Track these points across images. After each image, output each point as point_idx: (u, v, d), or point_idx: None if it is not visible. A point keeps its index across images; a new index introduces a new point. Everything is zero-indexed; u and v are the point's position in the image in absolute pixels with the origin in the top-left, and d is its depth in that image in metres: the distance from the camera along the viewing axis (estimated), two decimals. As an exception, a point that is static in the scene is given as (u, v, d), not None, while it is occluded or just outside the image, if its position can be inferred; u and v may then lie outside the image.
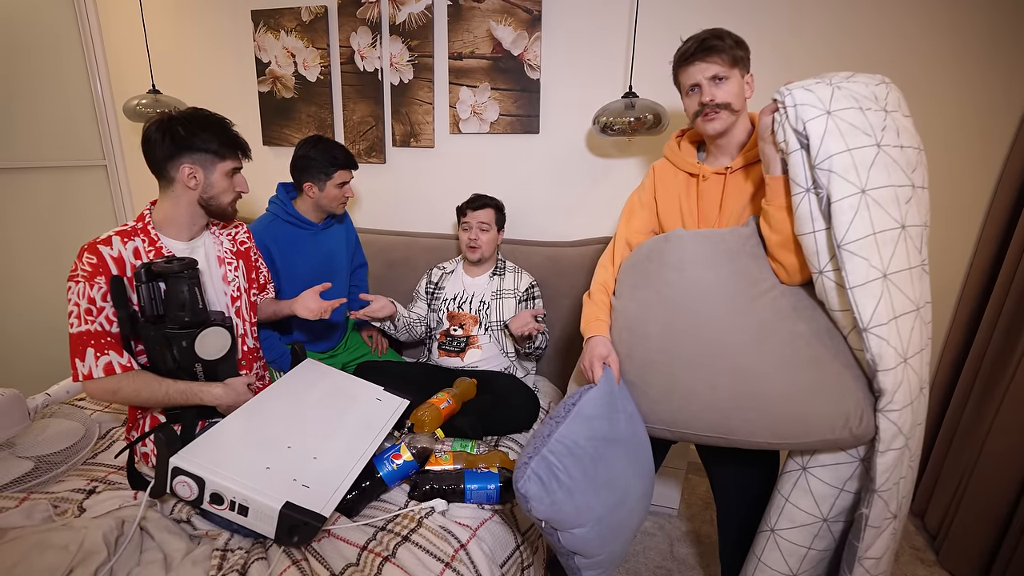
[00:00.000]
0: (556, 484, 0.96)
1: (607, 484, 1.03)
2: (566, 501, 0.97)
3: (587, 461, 1.01)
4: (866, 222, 0.89)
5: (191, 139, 1.22)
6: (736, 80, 1.11)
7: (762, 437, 1.04)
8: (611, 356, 1.16)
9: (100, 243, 1.19)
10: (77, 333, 1.14)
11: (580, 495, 0.98)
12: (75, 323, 1.14)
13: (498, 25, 1.96)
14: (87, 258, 1.16)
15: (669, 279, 1.08)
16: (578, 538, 1.00)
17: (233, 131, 1.31)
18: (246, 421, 1.19)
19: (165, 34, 2.39)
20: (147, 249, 1.24)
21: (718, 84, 1.11)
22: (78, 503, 1.16)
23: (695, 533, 1.85)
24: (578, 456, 1.00)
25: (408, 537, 1.10)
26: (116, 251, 1.19)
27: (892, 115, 0.93)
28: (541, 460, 0.97)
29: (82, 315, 1.14)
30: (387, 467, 1.24)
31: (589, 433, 1.03)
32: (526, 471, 0.96)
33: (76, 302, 1.14)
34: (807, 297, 1.04)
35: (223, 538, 1.08)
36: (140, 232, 1.25)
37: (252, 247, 1.52)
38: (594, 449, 1.02)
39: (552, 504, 0.96)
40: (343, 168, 1.74)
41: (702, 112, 1.13)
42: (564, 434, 1.01)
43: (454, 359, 1.85)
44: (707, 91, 1.11)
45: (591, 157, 2.03)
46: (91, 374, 1.13)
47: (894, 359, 0.91)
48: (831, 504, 1.04)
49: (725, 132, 1.15)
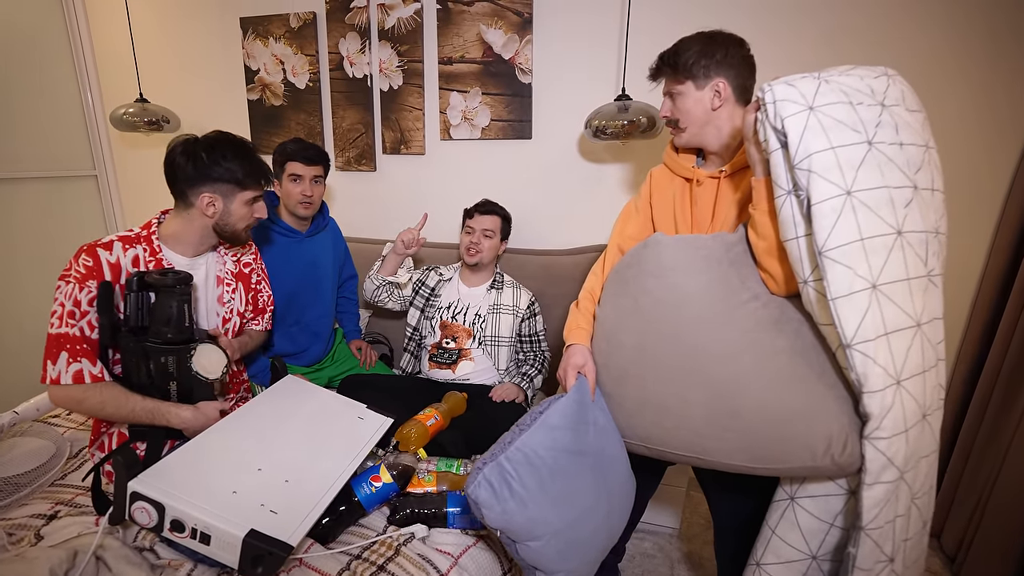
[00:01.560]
0: (508, 492, 0.92)
1: (565, 497, 0.98)
2: (518, 511, 0.92)
3: (545, 472, 0.96)
4: (851, 226, 0.80)
5: (213, 167, 1.20)
6: (690, 95, 1.09)
7: (739, 460, 0.97)
8: (587, 365, 1.12)
9: (100, 246, 1.16)
10: (55, 334, 1.10)
11: (534, 506, 0.93)
12: (55, 323, 1.10)
13: (488, 28, 1.91)
14: (83, 260, 1.13)
15: (647, 286, 1.02)
16: (535, 551, 0.95)
17: (257, 160, 1.28)
18: (216, 441, 1.12)
19: (153, 42, 2.36)
20: (147, 259, 1.21)
21: (672, 100, 1.13)
22: (36, 530, 1.09)
23: (696, 555, 1.76)
24: (536, 466, 0.95)
25: (384, 567, 1.03)
26: (115, 257, 1.17)
27: (891, 110, 0.85)
28: (495, 466, 0.93)
29: (64, 316, 1.10)
30: (365, 490, 1.17)
31: (551, 443, 0.98)
32: (478, 476, 0.93)
33: (62, 302, 1.11)
34: (794, 310, 0.95)
35: (185, 568, 1.01)
36: (144, 240, 1.22)
37: (256, 269, 1.48)
38: (553, 460, 0.97)
39: (503, 512, 0.92)
40: (291, 159, 1.65)
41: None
42: (525, 442, 0.97)
43: (445, 371, 1.78)
44: (663, 106, 1.16)
45: (584, 163, 1.97)
46: (59, 379, 1.10)
47: (882, 380, 0.82)
48: (820, 540, 0.95)
49: (696, 143, 1.14)
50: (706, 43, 1.06)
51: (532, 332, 1.82)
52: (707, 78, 1.06)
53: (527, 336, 1.81)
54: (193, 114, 2.34)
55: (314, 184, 1.69)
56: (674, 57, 1.08)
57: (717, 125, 1.09)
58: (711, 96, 1.07)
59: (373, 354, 1.98)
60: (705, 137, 1.11)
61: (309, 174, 1.68)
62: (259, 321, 1.53)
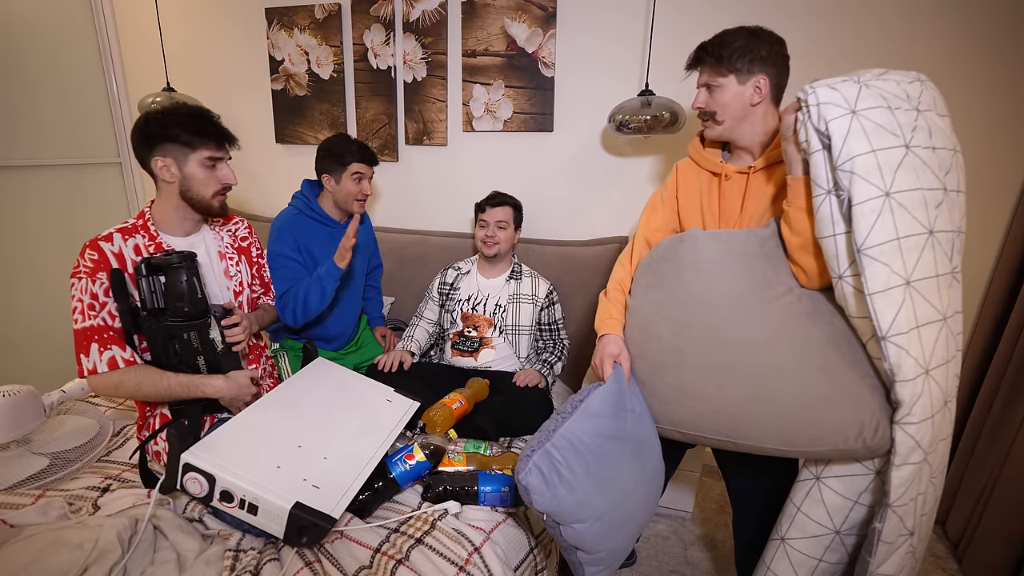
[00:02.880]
0: (557, 478, 0.97)
1: (610, 481, 1.03)
2: (567, 496, 0.97)
3: (590, 457, 1.00)
4: (889, 226, 0.85)
5: (161, 131, 1.20)
6: (730, 88, 1.09)
7: (773, 444, 1.02)
8: (622, 355, 1.15)
9: (102, 239, 1.20)
10: (81, 329, 1.14)
11: (581, 490, 0.98)
12: (79, 319, 1.14)
13: (512, 22, 1.94)
14: (89, 254, 1.17)
15: (682, 279, 1.06)
16: (579, 533, 1.00)
17: (206, 119, 1.26)
18: (257, 419, 1.18)
19: (179, 32, 2.39)
20: (147, 245, 1.24)
21: (710, 92, 1.12)
22: (92, 500, 1.16)
23: (709, 537, 1.82)
24: (581, 452, 1.00)
25: (421, 540, 1.09)
26: (117, 247, 1.20)
27: (925, 114, 0.89)
28: (544, 454, 0.97)
29: (85, 311, 1.14)
30: (400, 468, 1.23)
31: (594, 430, 1.03)
32: (528, 463, 0.97)
33: (79, 298, 1.15)
34: (826, 303, 1.00)
35: (235, 538, 1.07)
36: (141, 229, 1.25)
37: (254, 242, 1.50)
38: (598, 446, 1.02)
39: (553, 497, 0.96)
40: (358, 160, 1.72)
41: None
42: (569, 429, 1.01)
43: (467, 359, 1.83)
44: (698, 98, 1.14)
45: (606, 156, 2.00)
46: (95, 369, 1.14)
47: (914, 370, 0.87)
48: (844, 516, 1.01)
49: (727, 137, 1.15)
50: (751, 38, 1.07)
51: (551, 320, 1.87)
52: (750, 73, 1.07)
53: (546, 324, 1.86)
54: (218, 103, 2.38)
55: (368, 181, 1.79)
56: (719, 48, 1.07)
57: (752, 121, 1.11)
58: (751, 92, 1.08)
59: (396, 341, 2.04)
60: (739, 132, 1.12)
61: (370, 173, 1.78)
62: (270, 295, 1.57)
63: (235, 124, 2.38)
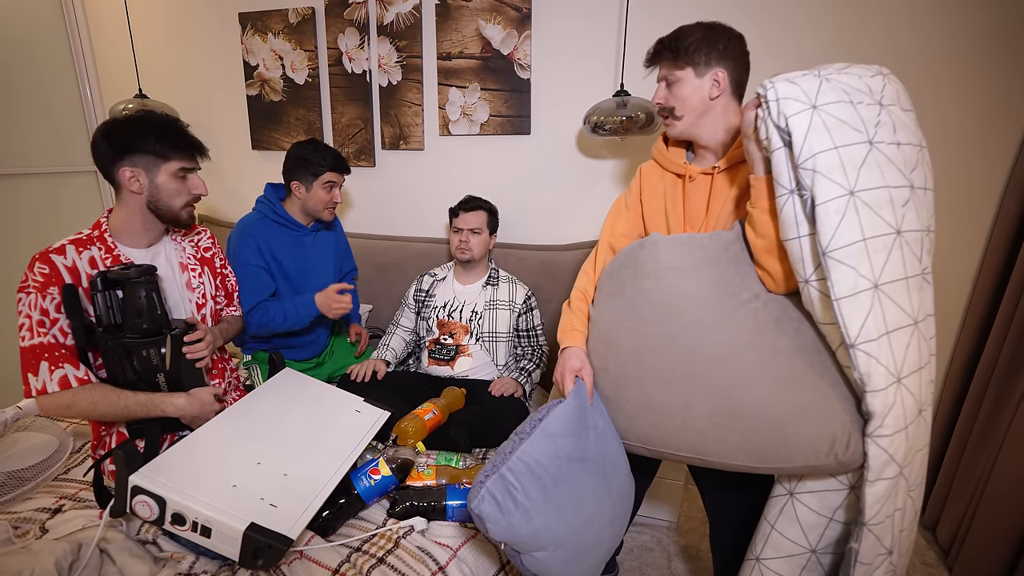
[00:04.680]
0: (513, 504, 0.91)
1: (570, 506, 0.97)
2: (523, 523, 0.92)
3: (548, 481, 0.95)
4: (855, 227, 0.80)
5: (131, 141, 1.15)
6: (688, 82, 1.06)
7: (742, 460, 0.96)
8: (584, 368, 1.10)
9: (53, 252, 1.13)
10: (29, 346, 1.08)
11: (539, 517, 0.93)
12: (27, 336, 1.08)
13: (487, 24, 1.91)
14: (39, 268, 1.11)
15: (643, 287, 1.01)
16: (540, 562, 0.95)
17: (178, 129, 1.22)
18: (215, 435, 1.14)
19: (152, 38, 2.35)
20: (104, 257, 1.18)
21: (668, 87, 1.10)
22: (41, 523, 1.11)
23: (694, 548, 1.78)
24: (539, 476, 0.94)
25: (383, 559, 1.04)
26: (70, 260, 1.14)
27: (888, 109, 0.85)
28: (498, 479, 0.92)
29: (34, 327, 1.08)
30: (364, 483, 1.19)
31: (553, 451, 0.97)
32: (480, 490, 0.92)
33: (28, 314, 1.09)
34: (794, 309, 0.95)
35: (187, 561, 1.03)
36: (96, 240, 1.19)
37: (217, 252, 1.45)
38: (556, 469, 0.96)
39: (509, 526, 0.91)
40: (332, 170, 1.70)
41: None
42: (526, 452, 0.95)
43: (444, 368, 1.79)
44: (657, 93, 1.12)
45: (583, 158, 1.97)
46: (45, 388, 1.08)
47: (885, 379, 0.82)
48: (819, 534, 0.96)
49: (689, 135, 1.12)
50: (708, 32, 1.04)
51: (530, 327, 1.83)
52: (707, 66, 1.04)
53: (524, 331, 1.82)
54: (192, 109, 2.34)
55: (338, 189, 1.77)
56: (675, 42, 1.05)
57: (712, 116, 1.08)
58: (710, 85, 1.05)
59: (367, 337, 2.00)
60: (700, 128, 1.09)
61: (341, 181, 1.76)
62: (234, 307, 1.52)
63: (210, 130, 2.38)
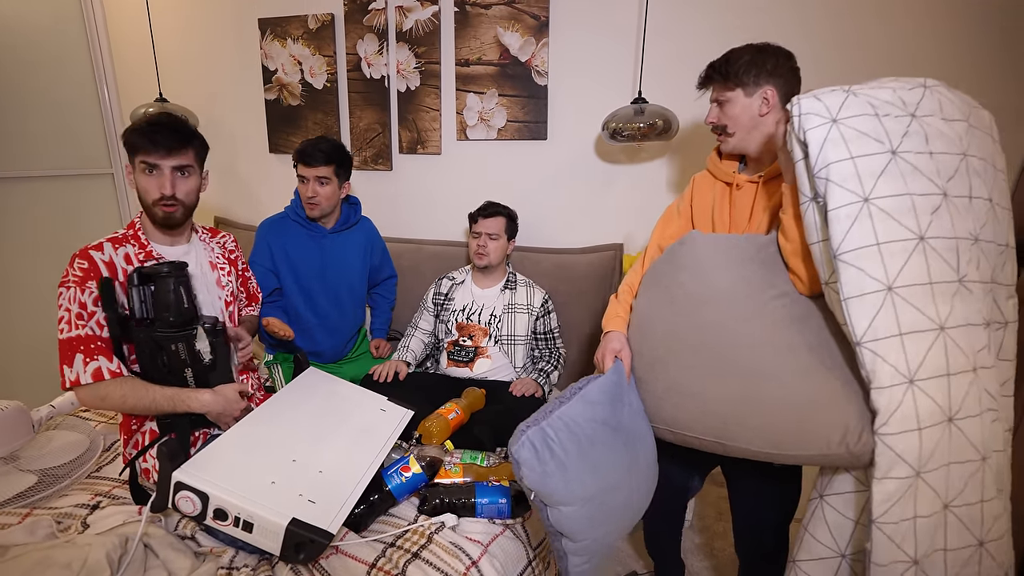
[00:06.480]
0: (549, 454, 0.97)
1: (601, 466, 1.03)
2: (556, 473, 0.97)
3: (583, 440, 1.01)
4: (867, 232, 0.85)
5: (127, 140, 1.20)
6: (738, 101, 1.13)
7: (758, 446, 1.02)
8: (623, 351, 1.18)
9: (92, 249, 1.19)
10: (67, 339, 1.12)
11: (572, 470, 0.98)
12: (65, 328, 1.12)
13: (505, 31, 1.95)
14: (78, 263, 1.16)
15: (680, 279, 1.10)
16: (566, 516, 0.99)
17: (153, 124, 1.19)
18: (249, 433, 1.16)
19: (172, 42, 2.39)
20: (137, 254, 1.23)
21: (720, 107, 1.17)
22: (82, 519, 1.14)
23: (708, 546, 1.81)
24: (575, 433, 1.00)
25: (418, 554, 1.07)
26: (108, 256, 1.19)
27: (922, 120, 0.89)
28: (538, 430, 0.98)
29: (72, 320, 1.12)
30: (396, 480, 1.22)
31: (590, 415, 1.04)
32: (521, 437, 0.97)
33: (67, 307, 1.13)
34: (818, 309, 1.01)
35: (228, 555, 1.06)
36: (131, 239, 1.25)
37: (240, 256, 1.52)
38: (592, 431, 1.03)
39: (544, 473, 0.96)
40: (297, 161, 1.69)
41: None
42: (565, 412, 1.02)
43: (463, 369, 1.82)
44: (710, 113, 1.19)
45: (600, 163, 2.00)
46: (79, 380, 1.11)
47: (891, 378, 0.85)
48: (847, 538, 0.99)
49: (741, 149, 1.18)
50: (756, 53, 1.11)
51: (547, 330, 1.86)
52: (756, 86, 1.11)
53: (542, 334, 1.85)
54: (212, 113, 2.37)
55: (320, 185, 1.70)
56: (725, 65, 1.12)
57: (763, 131, 1.14)
58: (759, 103, 1.11)
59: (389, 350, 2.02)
60: (751, 143, 1.16)
61: (311, 175, 1.68)
62: (253, 308, 1.57)
63: (228, 134, 2.41)
